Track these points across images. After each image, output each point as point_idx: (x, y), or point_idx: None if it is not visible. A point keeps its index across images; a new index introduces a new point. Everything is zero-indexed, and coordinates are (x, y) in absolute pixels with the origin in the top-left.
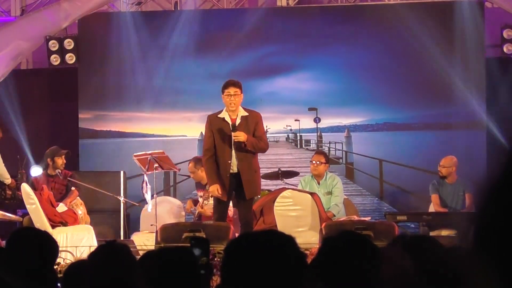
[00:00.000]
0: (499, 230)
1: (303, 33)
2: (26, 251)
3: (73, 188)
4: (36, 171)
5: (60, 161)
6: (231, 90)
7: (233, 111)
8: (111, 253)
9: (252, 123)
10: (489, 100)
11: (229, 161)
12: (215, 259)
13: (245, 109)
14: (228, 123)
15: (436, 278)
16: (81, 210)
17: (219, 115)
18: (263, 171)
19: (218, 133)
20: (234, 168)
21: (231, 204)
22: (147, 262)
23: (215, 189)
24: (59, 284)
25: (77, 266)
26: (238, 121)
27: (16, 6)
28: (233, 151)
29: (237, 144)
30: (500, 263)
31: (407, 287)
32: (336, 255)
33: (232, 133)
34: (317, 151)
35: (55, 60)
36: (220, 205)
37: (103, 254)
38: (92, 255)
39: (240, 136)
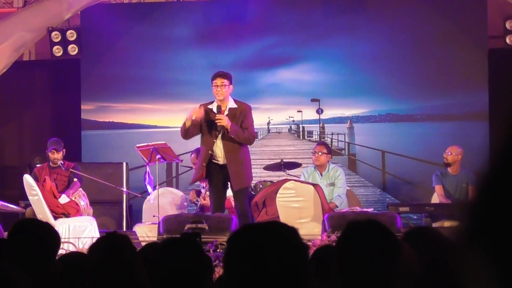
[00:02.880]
0: (497, 223)
1: (305, 24)
2: (28, 242)
3: (75, 180)
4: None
5: (52, 156)
6: (218, 81)
7: (221, 101)
8: (112, 244)
9: (240, 115)
10: (491, 91)
11: (210, 151)
12: (218, 250)
13: (235, 101)
14: (215, 113)
15: (437, 270)
16: (83, 202)
17: (209, 106)
18: (265, 162)
19: (205, 122)
20: (222, 160)
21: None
22: (151, 253)
23: (196, 110)
24: None
25: (68, 258)
26: (226, 113)
27: None
28: (220, 142)
29: (223, 134)
30: (498, 257)
31: (411, 279)
32: (360, 243)
33: (217, 115)
34: (319, 142)
35: (57, 51)
36: (215, 196)
37: (103, 246)
38: (92, 246)
39: (223, 119)
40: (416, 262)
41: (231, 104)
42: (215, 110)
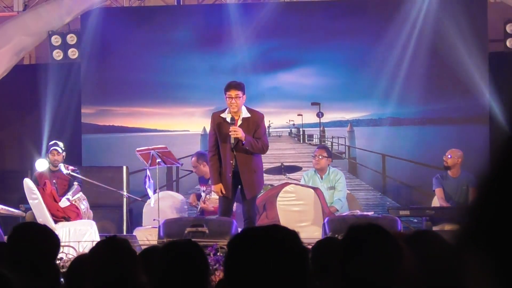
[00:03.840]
0: (497, 225)
1: (306, 27)
2: (28, 246)
3: (75, 183)
4: (41, 164)
5: (52, 158)
6: (232, 93)
7: (234, 113)
8: (112, 248)
9: (254, 124)
10: (492, 94)
11: (231, 161)
12: (218, 253)
13: (248, 110)
14: (229, 123)
15: (437, 273)
16: (83, 205)
17: (221, 115)
18: (266, 166)
19: (220, 133)
20: (235, 167)
21: None
22: (151, 257)
23: (218, 189)
24: (62, 279)
25: (81, 260)
26: (239, 123)
27: (19, 1)
28: (234, 151)
29: (236, 143)
30: (498, 259)
31: (411, 282)
32: (362, 247)
33: (231, 127)
34: (319, 145)
35: (57, 55)
36: (225, 200)
37: (103, 250)
38: (92, 250)
39: (237, 131)
40: (416, 265)
41: (244, 113)
42: (228, 120)
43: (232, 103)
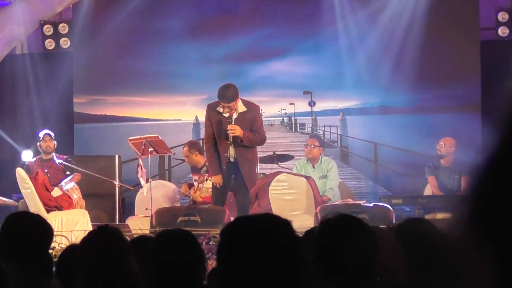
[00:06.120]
0: (494, 213)
1: (298, 16)
2: (20, 235)
3: (74, 172)
4: (27, 155)
5: (44, 144)
6: (226, 105)
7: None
8: (104, 237)
9: (250, 117)
10: (483, 83)
11: (226, 154)
12: (211, 242)
13: (244, 103)
14: (225, 117)
15: (431, 262)
16: (76, 195)
17: (217, 108)
18: (258, 154)
19: (215, 125)
20: (231, 158)
21: None
22: (143, 246)
23: (219, 180)
24: (54, 268)
25: (72, 249)
26: (235, 116)
27: None
28: (231, 145)
29: (234, 138)
30: (496, 246)
31: (393, 271)
32: (334, 238)
33: (228, 126)
34: (311, 134)
35: (49, 44)
36: (218, 190)
37: (95, 239)
38: (84, 240)
39: (236, 130)
40: (400, 254)
41: (241, 108)
42: (225, 115)
43: (226, 111)
